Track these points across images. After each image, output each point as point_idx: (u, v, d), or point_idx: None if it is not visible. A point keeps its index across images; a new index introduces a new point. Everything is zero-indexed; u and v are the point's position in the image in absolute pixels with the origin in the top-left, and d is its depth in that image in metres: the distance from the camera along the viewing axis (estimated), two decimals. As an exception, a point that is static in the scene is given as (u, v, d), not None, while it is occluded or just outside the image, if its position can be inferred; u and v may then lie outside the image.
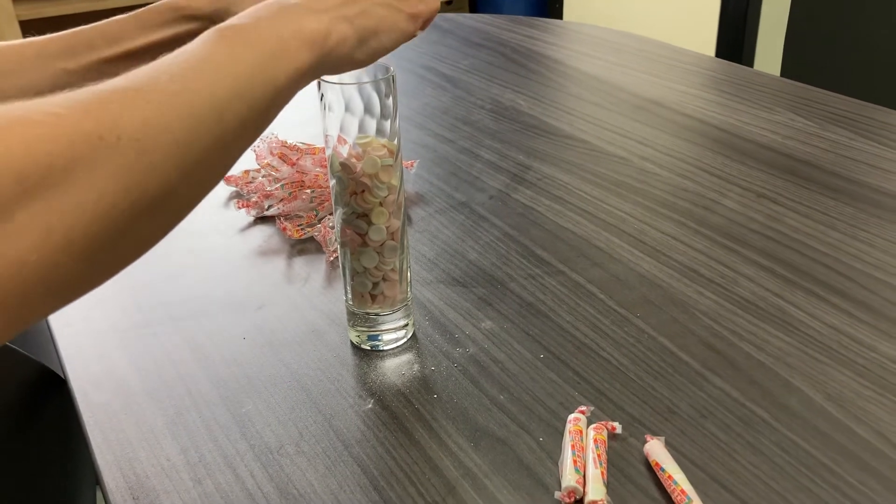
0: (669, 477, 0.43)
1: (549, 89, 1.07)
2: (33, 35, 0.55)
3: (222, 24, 0.39)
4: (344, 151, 0.50)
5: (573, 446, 0.45)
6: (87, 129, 0.29)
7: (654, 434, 0.47)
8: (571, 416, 0.48)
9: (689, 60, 1.15)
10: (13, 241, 0.27)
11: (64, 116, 0.29)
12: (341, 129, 0.49)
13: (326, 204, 0.74)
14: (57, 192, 0.28)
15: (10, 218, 0.27)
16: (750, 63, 2.08)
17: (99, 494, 0.70)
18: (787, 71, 2.10)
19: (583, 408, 0.49)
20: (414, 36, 0.47)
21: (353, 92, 0.48)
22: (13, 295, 0.27)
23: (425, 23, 0.47)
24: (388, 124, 0.49)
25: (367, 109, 0.48)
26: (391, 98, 0.49)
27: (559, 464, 0.45)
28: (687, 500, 0.42)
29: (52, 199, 0.28)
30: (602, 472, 0.44)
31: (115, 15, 0.56)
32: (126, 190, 0.30)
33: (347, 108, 0.48)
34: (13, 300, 0.27)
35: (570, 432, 0.46)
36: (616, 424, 0.47)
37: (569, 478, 0.43)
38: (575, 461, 0.44)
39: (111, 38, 0.54)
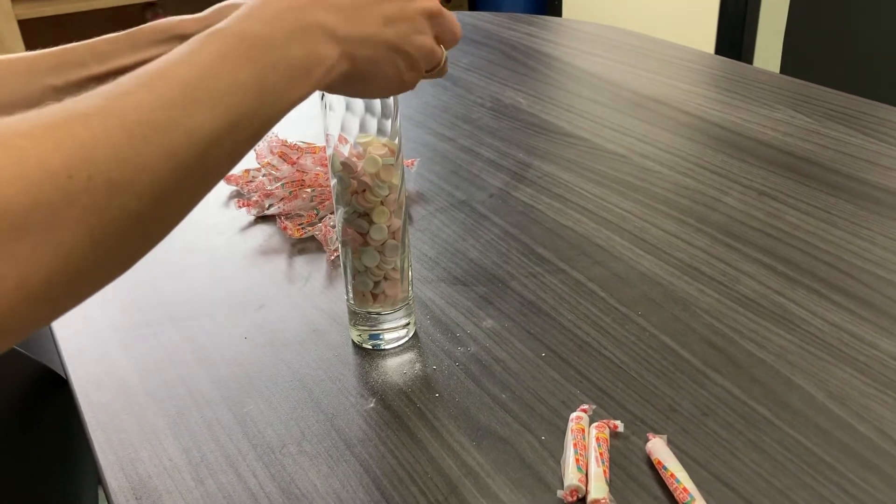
0: (672, 475, 0.43)
1: (549, 87, 1.07)
2: (32, 33, 0.55)
3: (233, 26, 0.35)
4: (345, 151, 0.50)
5: (575, 445, 0.45)
6: (53, 166, 0.26)
7: (656, 432, 0.47)
8: (573, 415, 0.48)
9: (689, 58, 1.15)
10: None
11: (27, 151, 0.26)
12: (342, 129, 0.49)
13: (327, 203, 0.73)
14: (14, 238, 0.26)
15: None
16: (749, 60, 2.08)
17: (101, 494, 0.70)
18: (786, 68, 2.10)
19: (585, 406, 0.49)
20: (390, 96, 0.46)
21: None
22: None
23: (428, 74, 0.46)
24: (388, 123, 0.49)
25: (368, 108, 0.48)
26: (392, 97, 0.49)
27: (561, 462, 0.45)
28: (689, 499, 0.42)
29: (8, 245, 0.25)
30: (604, 471, 0.44)
31: (111, 14, 0.55)
32: (91, 231, 0.28)
33: (348, 108, 0.48)
34: None
35: (572, 431, 0.46)
36: (618, 423, 0.47)
37: (571, 476, 0.43)
38: (577, 460, 0.44)
39: (102, 55, 0.53)
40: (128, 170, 0.29)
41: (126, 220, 0.29)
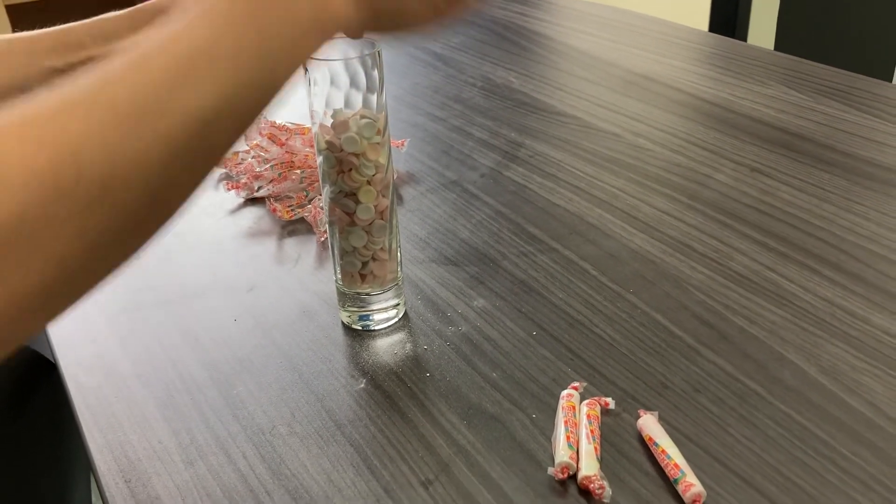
0: (663, 451, 0.43)
1: (541, 66, 1.06)
2: (20, 16, 0.54)
3: None
4: (329, 127, 0.49)
5: (566, 422, 0.45)
6: (39, 167, 0.24)
7: (648, 409, 0.47)
8: (564, 392, 0.48)
9: (682, 35, 1.14)
10: None
11: (10, 152, 0.24)
12: (327, 105, 0.48)
13: (317, 184, 0.73)
14: (1, 254, 0.24)
15: None
16: (743, 37, 2.07)
17: (92, 478, 0.69)
18: (780, 45, 2.09)
19: (575, 384, 0.48)
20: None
21: (338, 66, 0.47)
22: None
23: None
24: (374, 98, 0.49)
25: (353, 83, 0.48)
26: (377, 71, 0.48)
27: (552, 440, 0.45)
28: (680, 474, 0.42)
29: None
30: (595, 448, 0.43)
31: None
32: (84, 233, 0.26)
33: (332, 83, 0.47)
34: None
35: (563, 408, 0.46)
36: (609, 400, 0.47)
37: (562, 454, 0.43)
38: (568, 437, 0.44)
39: (101, 35, 0.51)
40: (120, 163, 0.26)
41: (121, 217, 0.27)
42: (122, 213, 0.27)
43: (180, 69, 0.28)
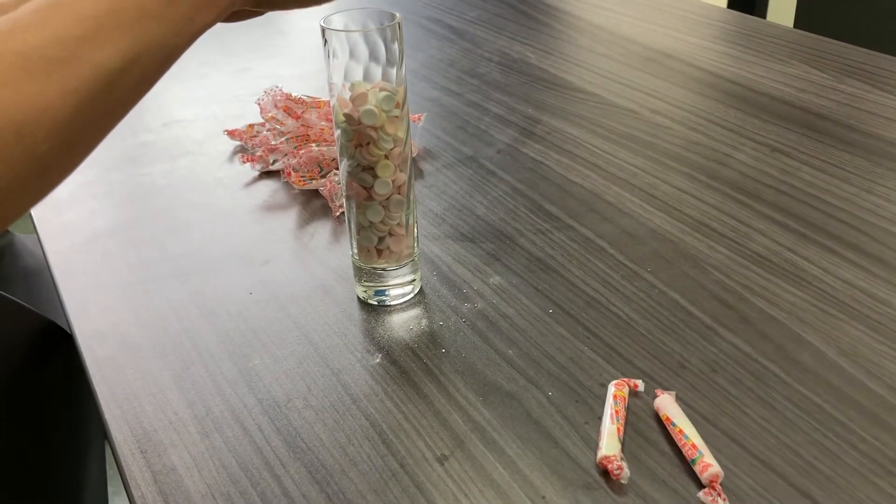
0: (680, 431, 0.43)
1: (559, 41, 1.05)
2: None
3: None
4: (348, 100, 0.49)
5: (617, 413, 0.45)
6: None
7: (665, 388, 0.47)
8: (615, 382, 0.47)
9: (701, 12, 1.13)
10: None
11: None
12: (345, 77, 0.48)
13: (332, 159, 0.72)
14: None
15: None
16: (763, 14, 2.04)
17: (108, 447, 0.70)
18: (800, 22, 2.06)
19: (636, 381, 0.47)
20: (317, 4, 0.44)
21: (357, 38, 0.46)
22: None
23: None
24: (393, 71, 0.48)
25: (373, 56, 0.47)
26: (396, 43, 0.47)
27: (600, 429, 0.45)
28: (698, 455, 0.41)
29: None
30: (619, 429, 0.43)
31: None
32: None
33: (352, 55, 0.47)
34: None
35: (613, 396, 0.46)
36: (639, 382, 0.47)
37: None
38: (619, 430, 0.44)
39: None
40: (32, 111, 0.28)
41: (33, 161, 0.29)
42: (34, 157, 0.29)
43: (87, 25, 0.30)
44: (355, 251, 0.55)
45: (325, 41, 0.47)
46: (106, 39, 0.31)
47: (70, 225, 0.67)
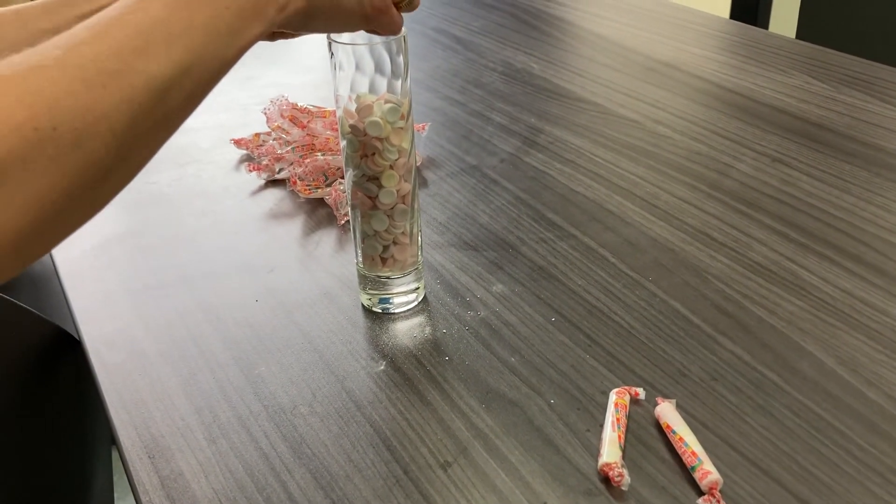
0: (680, 439, 0.43)
1: (562, 52, 1.06)
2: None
3: None
4: (353, 109, 0.49)
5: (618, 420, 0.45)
6: (19, 120, 0.27)
7: (666, 396, 0.47)
8: (616, 389, 0.48)
9: (703, 22, 1.14)
10: None
11: None
12: (351, 89, 0.49)
13: (337, 169, 0.73)
14: None
15: None
16: (765, 25, 2.05)
17: (115, 453, 0.71)
18: (802, 33, 2.07)
19: (637, 390, 0.48)
20: (357, 30, 0.45)
21: (363, 51, 0.47)
22: None
23: (378, 26, 0.45)
24: (398, 84, 0.49)
25: (378, 68, 0.48)
26: (402, 56, 0.48)
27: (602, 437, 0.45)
28: (697, 462, 0.42)
29: None
30: (619, 436, 0.44)
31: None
32: (59, 181, 0.29)
33: (358, 67, 0.48)
34: None
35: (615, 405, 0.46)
36: (640, 390, 0.47)
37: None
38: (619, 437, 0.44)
39: None
40: (90, 118, 0.29)
41: (91, 168, 0.30)
42: (92, 164, 0.30)
43: (139, 38, 0.32)
44: (360, 259, 0.56)
45: (332, 53, 0.48)
46: (157, 51, 0.32)
47: (78, 232, 0.68)
